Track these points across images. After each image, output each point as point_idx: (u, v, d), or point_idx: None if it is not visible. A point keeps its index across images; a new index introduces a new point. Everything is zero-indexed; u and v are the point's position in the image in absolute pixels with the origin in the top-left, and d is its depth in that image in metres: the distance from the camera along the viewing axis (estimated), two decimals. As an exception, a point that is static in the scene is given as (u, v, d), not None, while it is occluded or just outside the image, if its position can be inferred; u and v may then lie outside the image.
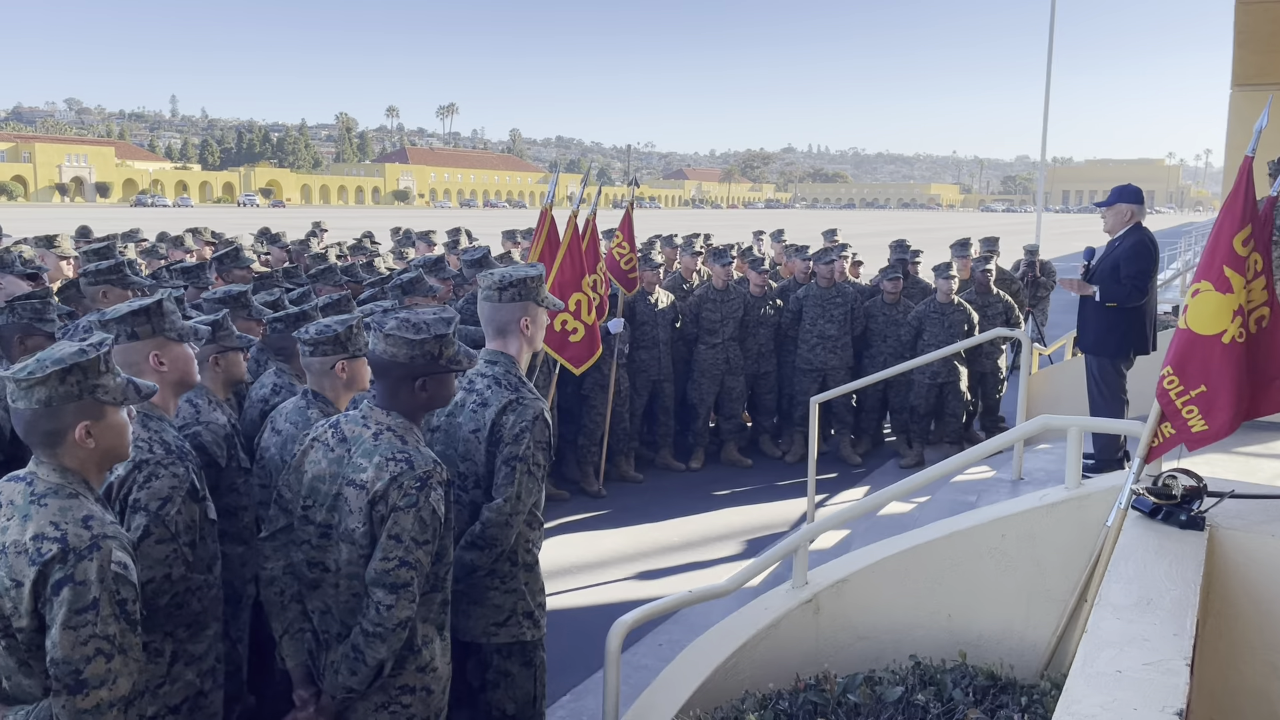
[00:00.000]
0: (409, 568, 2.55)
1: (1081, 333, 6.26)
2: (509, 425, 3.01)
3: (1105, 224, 6.16)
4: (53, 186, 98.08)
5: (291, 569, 2.76)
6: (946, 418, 8.61)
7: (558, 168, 32.69)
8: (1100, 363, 6.11)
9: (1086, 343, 6.21)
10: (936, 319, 8.39)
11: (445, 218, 56.26)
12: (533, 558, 3.20)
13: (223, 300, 4.06)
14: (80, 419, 2.16)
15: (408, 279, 5.36)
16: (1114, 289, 5.95)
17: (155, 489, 2.60)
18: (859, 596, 3.62)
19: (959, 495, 6.41)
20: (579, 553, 6.50)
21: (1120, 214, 6.07)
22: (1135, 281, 5.90)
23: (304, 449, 2.75)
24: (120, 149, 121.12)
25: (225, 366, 3.44)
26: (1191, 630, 2.24)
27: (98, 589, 2.07)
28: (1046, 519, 3.46)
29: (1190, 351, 3.16)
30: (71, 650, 2.05)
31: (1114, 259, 6.01)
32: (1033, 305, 11.66)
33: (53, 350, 2.18)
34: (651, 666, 4.76)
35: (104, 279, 4.39)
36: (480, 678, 3.26)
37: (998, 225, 62.37)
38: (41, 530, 2.09)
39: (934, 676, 3.21)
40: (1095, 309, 6.10)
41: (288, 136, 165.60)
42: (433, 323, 2.69)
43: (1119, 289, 5.93)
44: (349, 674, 2.60)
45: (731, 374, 8.43)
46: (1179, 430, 3.21)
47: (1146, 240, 6.00)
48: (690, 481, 8.15)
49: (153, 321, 2.80)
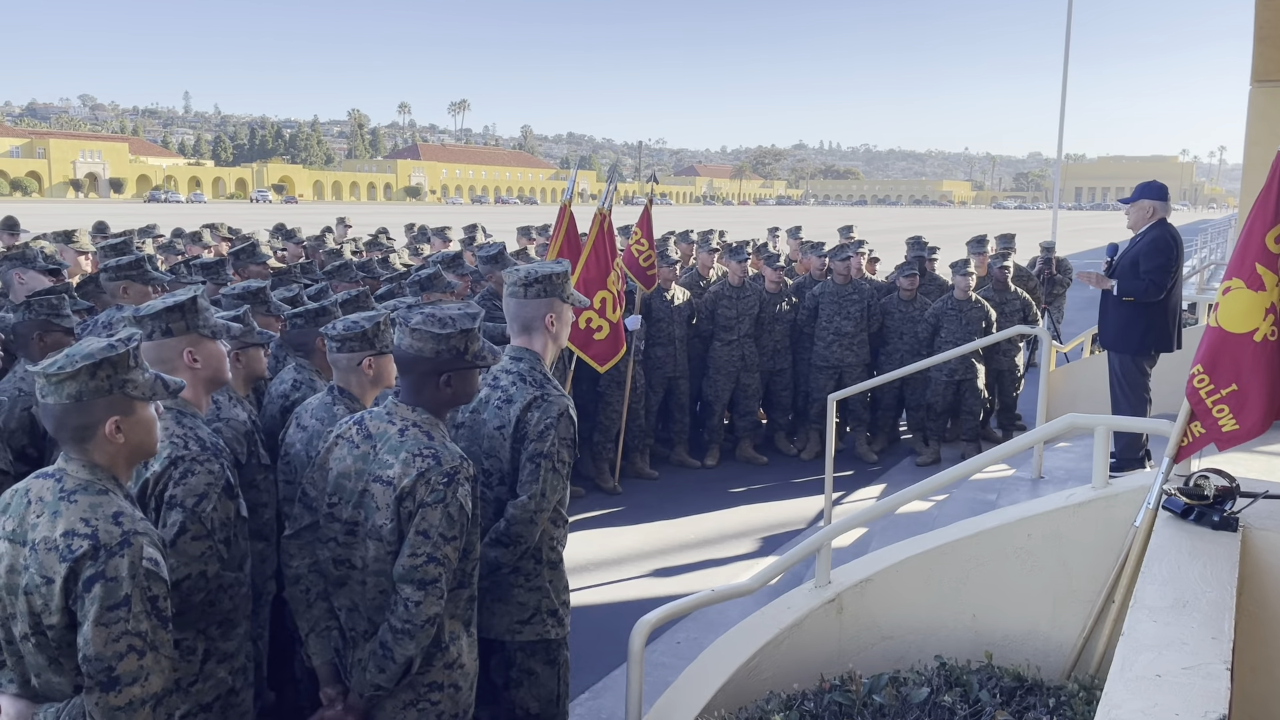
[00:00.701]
0: (437, 564, 2.54)
1: (1102, 329, 6.24)
2: (534, 422, 3.00)
3: (1128, 220, 6.16)
4: (67, 182, 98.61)
5: (317, 567, 2.75)
6: (963, 415, 8.56)
7: (576, 164, 32.71)
8: (1122, 360, 6.08)
9: (1107, 339, 6.19)
10: (954, 316, 8.35)
11: (457, 214, 56.32)
12: (557, 555, 3.19)
13: (242, 296, 4.05)
14: (110, 414, 2.16)
15: (426, 275, 5.34)
16: (1133, 284, 5.94)
17: (191, 485, 2.59)
18: (883, 596, 3.59)
19: (979, 493, 6.37)
20: (594, 550, 6.48)
21: (1143, 210, 6.08)
22: (1153, 277, 5.88)
23: (328, 446, 2.74)
24: (134, 145, 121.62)
25: (246, 363, 3.43)
26: (1230, 633, 2.20)
27: (129, 585, 2.07)
28: (1073, 518, 3.42)
29: (1221, 350, 3.12)
30: (104, 647, 2.04)
31: (1134, 254, 6.01)
32: (1049, 302, 11.59)
33: (82, 345, 2.17)
34: (670, 665, 4.75)
35: (125, 275, 4.39)
36: (504, 676, 3.24)
37: (1011, 222, 62.14)
38: (72, 527, 2.08)
39: (960, 677, 3.18)
40: (1115, 304, 6.08)
41: (300, 132, 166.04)
42: (458, 318, 2.68)
43: (1137, 284, 5.92)
44: (377, 671, 2.59)
45: (747, 371, 8.40)
46: (1209, 429, 3.17)
47: (1168, 236, 5.98)
48: (705, 479, 8.12)
49: (187, 318, 2.80)
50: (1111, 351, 6.19)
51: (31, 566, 2.09)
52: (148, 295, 4.46)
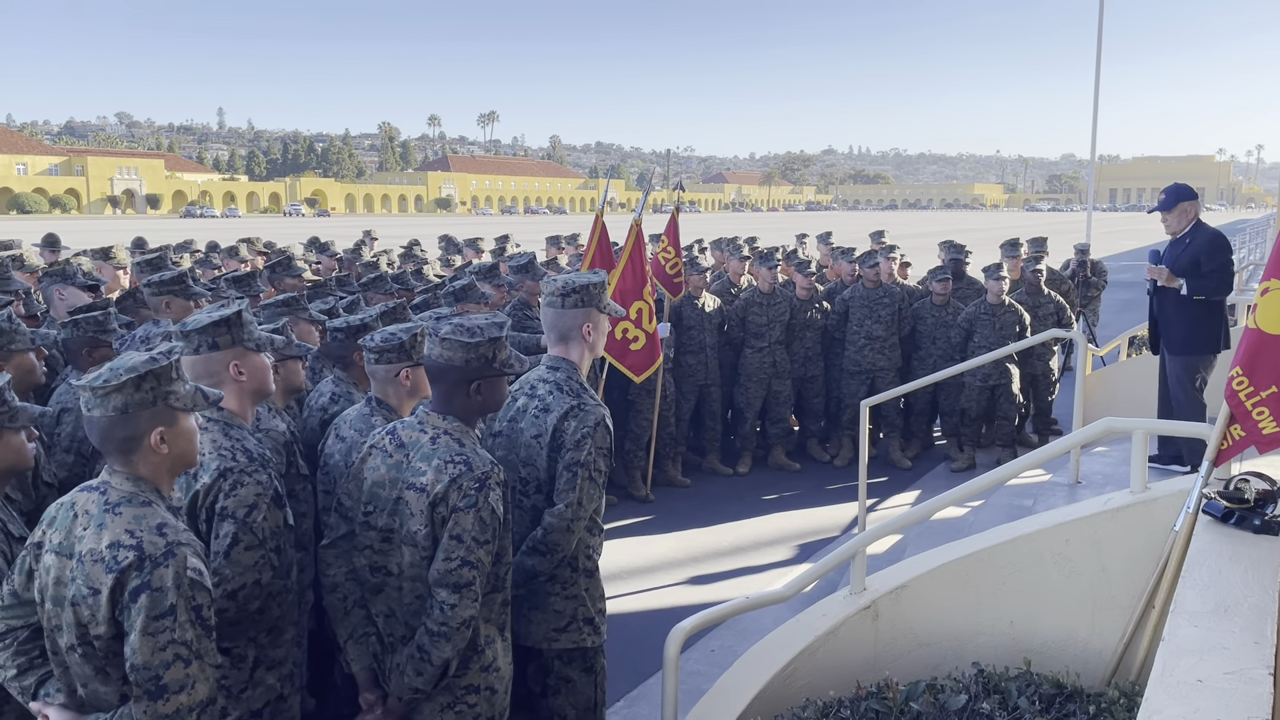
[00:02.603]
0: (471, 567, 2.58)
1: (1167, 332, 6.21)
2: (571, 431, 3.03)
3: (1169, 225, 6.24)
4: (105, 199, 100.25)
5: (354, 575, 2.80)
6: (998, 420, 8.49)
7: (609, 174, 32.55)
8: (1189, 362, 6.10)
9: (1176, 342, 6.16)
10: (987, 320, 8.29)
11: (487, 225, 56.69)
12: (593, 564, 3.21)
13: (282, 305, 4.11)
14: (155, 425, 2.21)
15: (460, 286, 5.40)
16: (1201, 283, 5.99)
17: (242, 496, 2.64)
18: (919, 602, 3.58)
19: (1014, 499, 6.32)
20: (628, 558, 6.50)
21: (1185, 213, 6.20)
22: (1222, 275, 6.01)
23: (362, 456, 2.80)
24: (169, 161, 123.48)
25: (285, 375, 3.48)
26: (1273, 638, 2.18)
27: (174, 595, 2.10)
28: (1111, 523, 3.40)
29: (1260, 351, 3.08)
30: (151, 656, 2.08)
31: (1192, 254, 6.06)
32: (1084, 305, 11.49)
33: (124, 359, 2.22)
34: (705, 673, 4.75)
35: (168, 289, 4.48)
36: (541, 683, 3.27)
37: (1044, 225, 61.52)
38: (117, 538, 2.13)
39: (998, 684, 3.16)
40: (1180, 306, 6.07)
41: (332, 146, 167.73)
42: (486, 326, 2.73)
43: (1206, 283, 5.98)
44: (415, 674, 2.64)
45: (778, 378, 8.39)
46: (1249, 432, 3.13)
47: (1222, 234, 6.14)
48: (738, 486, 8.12)
49: (232, 332, 2.85)
50: (1177, 356, 6.16)
51: (78, 578, 2.13)
52: (189, 310, 4.53)
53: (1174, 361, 6.17)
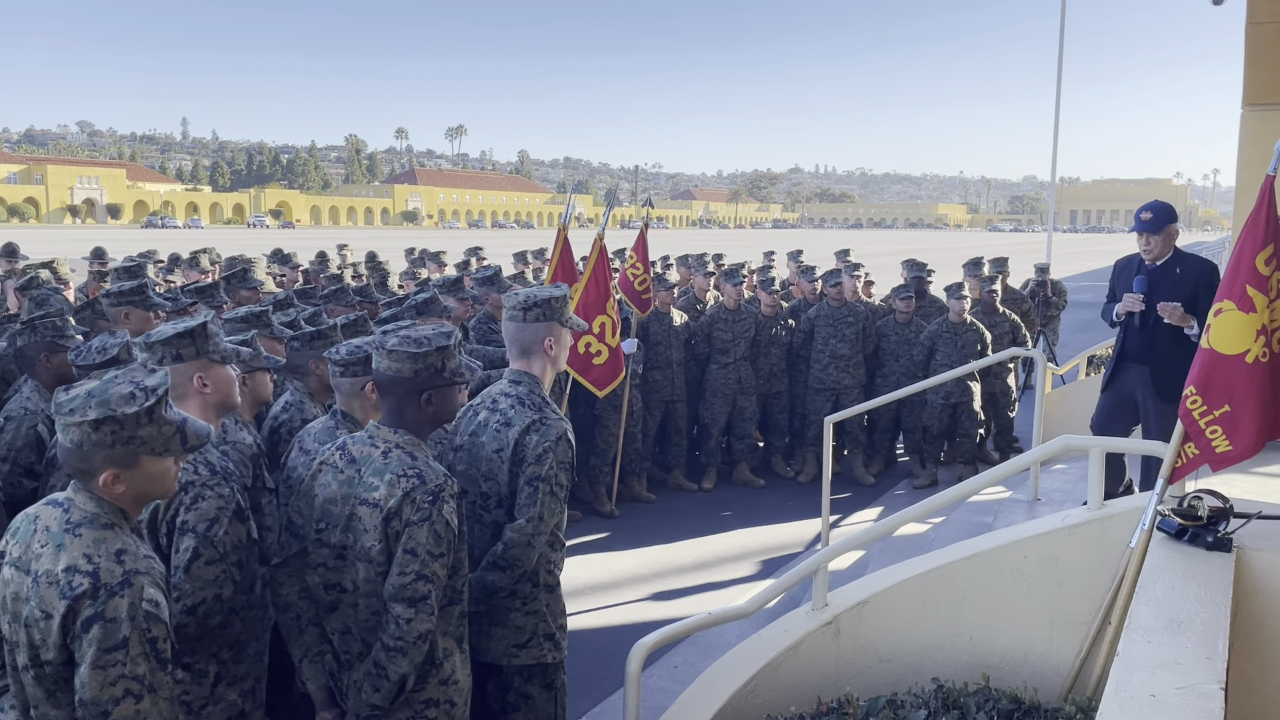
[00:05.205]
0: (426, 581, 2.56)
1: (1159, 376, 5.25)
2: (532, 445, 3.01)
3: (1153, 250, 5.30)
4: (64, 208, 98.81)
5: (307, 593, 2.77)
6: (960, 437, 8.58)
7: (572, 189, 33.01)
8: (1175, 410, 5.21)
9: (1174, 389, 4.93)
10: (949, 338, 8.39)
11: (454, 238, 56.49)
12: (554, 579, 3.19)
13: (245, 320, 4.07)
14: (108, 466, 2.10)
15: (423, 299, 5.37)
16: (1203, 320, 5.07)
17: (203, 510, 2.60)
18: (880, 618, 3.59)
19: (975, 515, 6.37)
20: (592, 574, 6.47)
21: (1171, 236, 5.32)
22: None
23: (312, 473, 2.77)
24: (131, 171, 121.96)
25: (252, 387, 3.44)
26: (1224, 653, 2.22)
27: (128, 627, 2.03)
28: (1069, 540, 3.44)
29: (1213, 371, 3.15)
30: (100, 691, 2.01)
31: (1189, 286, 5.18)
32: (1044, 325, 11.64)
33: (104, 389, 2.11)
34: (667, 689, 4.74)
35: (127, 300, 4.42)
36: (501, 700, 3.24)
37: (1006, 245, 62.34)
38: (74, 562, 2.05)
39: (957, 700, 3.19)
40: (1180, 346, 5.09)
41: (297, 158, 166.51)
42: (433, 336, 2.72)
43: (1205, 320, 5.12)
44: (372, 691, 2.61)
45: (744, 394, 8.42)
46: (1203, 450, 3.19)
47: (1215, 263, 5.31)
48: (703, 502, 8.12)
49: (197, 344, 2.81)
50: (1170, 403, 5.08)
51: (33, 599, 2.06)
52: (149, 320, 4.48)
53: (1163, 409, 5.20)
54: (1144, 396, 5.37)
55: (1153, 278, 5.30)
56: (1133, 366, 5.41)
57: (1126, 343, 5.44)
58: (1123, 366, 5.47)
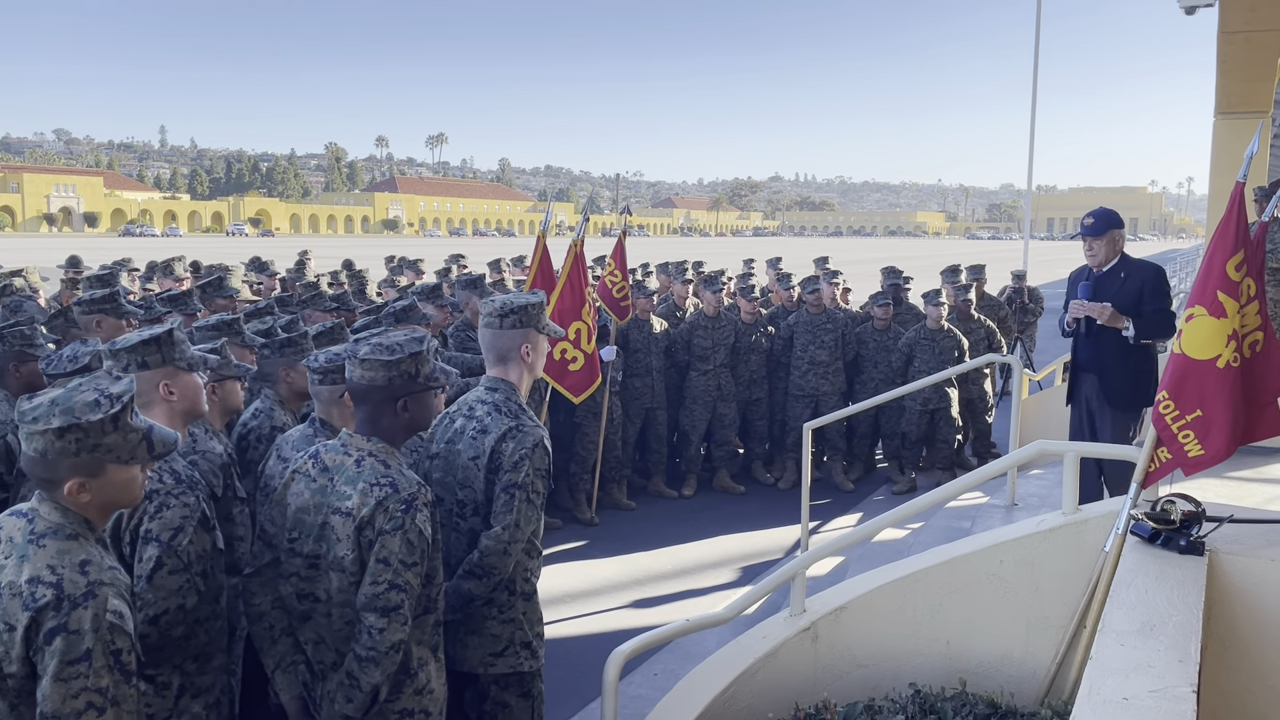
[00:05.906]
0: (399, 590, 2.55)
1: (1106, 383, 5.26)
2: (509, 452, 3.00)
3: (1097, 255, 5.32)
4: (40, 216, 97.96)
5: (280, 603, 2.74)
6: (938, 444, 8.62)
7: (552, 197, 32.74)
8: (1127, 417, 5.26)
9: (1120, 395, 5.23)
10: (927, 345, 8.43)
11: (435, 246, 56.36)
12: (531, 587, 3.18)
13: (216, 328, 4.04)
14: (74, 475, 2.08)
15: (401, 307, 5.34)
16: (1145, 325, 5.12)
17: (167, 519, 2.57)
18: (857, 624, 3.60)
19: (953, 521, 6.40)
20: (571, 581, 6.45)
21: (1114, 242, 5.33)
22: (1167, 315, 5.16)
23: (285, 483, 2.75)
24: (109, 179, 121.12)
25: (223, 396, 3.41)
26: (1196, 656, 2.23)
27: (91, 639, 2.00)
28: (1044, 545, 3.46)
29: (1185, 376, 3.17)
30: (62, 704, 1.97)
31: (1132, 291, 5.20)
32: (1021, 331, 11.73)
33: (68, 397, 2.08)
34: (647, 696, 4.72)
35: (99, 308, 4.37)
36: (478, 709, 3.22)
37: (984, 253, 62.83)
38: (37, 574, 2.03)
39: (934, 705, 3.19)
40: (1125, 352, 5.18)
41: (277, 166, 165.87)
42: (405, 343, 2.71)
43: (1149, 324, 5.13)
44: (345, 701, 2.59)
45: (723, 401, 8.43)
46: (1175, 455, 3.22)
47: (1163, 269, 5.38)
48: (683, 509, 8.12)
49: (163, 351, 2.78)
50: (1123, 410, 5.24)
51: None
52: (120, 328, 4.43)
53: (1115, 416, 5.26)
54: (1097, 404, 5.36)
55: (1098, 284, 5.31)
56: (1085, 375, 5.42)
57: (1078, 352, 5.46)
58: (1077, 376, 5.49)
